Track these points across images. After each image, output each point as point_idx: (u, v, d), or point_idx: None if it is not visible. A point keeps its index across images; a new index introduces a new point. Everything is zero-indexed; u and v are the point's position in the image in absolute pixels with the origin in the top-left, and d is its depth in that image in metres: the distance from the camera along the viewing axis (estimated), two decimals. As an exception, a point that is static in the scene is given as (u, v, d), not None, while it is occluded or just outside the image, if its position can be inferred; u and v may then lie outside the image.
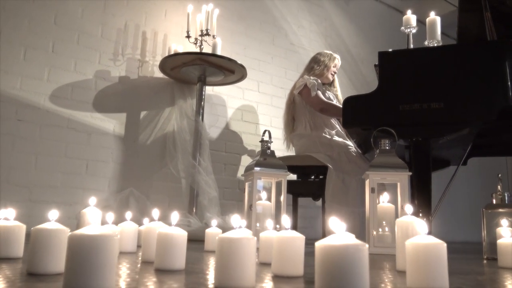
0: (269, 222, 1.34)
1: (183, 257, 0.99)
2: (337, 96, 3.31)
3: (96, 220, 1.63)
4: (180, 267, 0.98)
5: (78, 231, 0.64)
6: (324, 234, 2.84)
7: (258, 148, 3.81)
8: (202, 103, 3.19)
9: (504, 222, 1.86)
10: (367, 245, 0.58)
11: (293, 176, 3.38)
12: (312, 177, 3.25)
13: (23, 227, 1.21)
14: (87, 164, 2.96)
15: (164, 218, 2.87)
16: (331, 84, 3.36)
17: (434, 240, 0.77)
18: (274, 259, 0.96)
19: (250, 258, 0.73)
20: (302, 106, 3.13)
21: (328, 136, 3.07)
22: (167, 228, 1.02)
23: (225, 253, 0.72)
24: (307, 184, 3.18)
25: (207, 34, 3.18)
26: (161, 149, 3.24)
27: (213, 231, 1.77)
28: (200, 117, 3.17)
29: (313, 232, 3.45)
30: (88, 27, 3.08)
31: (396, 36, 2.89)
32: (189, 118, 3.21)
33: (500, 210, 1.89)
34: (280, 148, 3.42)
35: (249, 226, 2.20)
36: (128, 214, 1.58)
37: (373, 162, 2.13)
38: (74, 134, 2.93)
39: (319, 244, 0.60)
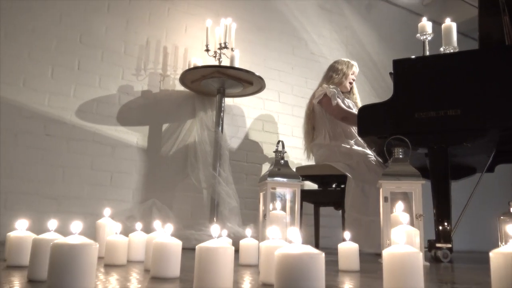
0: (248, 231, 1.37)
1: (178, 265, 1.03)
2: (356, 104, 3.31)
3: (111, 230, 1.70)
4: (174, 275, 1.02)
5: (59, 240, 0.69)
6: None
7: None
8: (222, 114, 3.26)
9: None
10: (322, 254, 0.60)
11: (314, 186, 3.38)
12: (334, 186, 3.24)
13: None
14: (111, 176, 3.07)
15: (188, 227, 2.95)
16: (349, 91, 3.35)
17: (409, 250, 0.78)
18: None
19: (226, 266, 0.76)
20: (322, 116, 3.15)
21: (347, 145, 3.07)
22: (162, 238, 1.06)
23: (202, 261, 0.76)
24: (328, 193, 3.17)
25: (225, 47, 3.25)
26: (183, 160, 3.32)
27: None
28: (220, 128, 3.23)
29: (335, 242, 3.42)
30: (111, 44, 3.22)
31: (419, 41, 2.84)
32: (209, 130, 3.28)
33: (517, 218, 1.84)
34: (301, 157, 3.44)
35: (263, 236, 2.22)
36: (138, 225, 1.64)
37: (386, 171, 2.12)
38: (99, 147, 3.05)
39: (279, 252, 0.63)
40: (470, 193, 2.80)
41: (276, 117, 3.86)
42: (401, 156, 2.11)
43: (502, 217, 1.87)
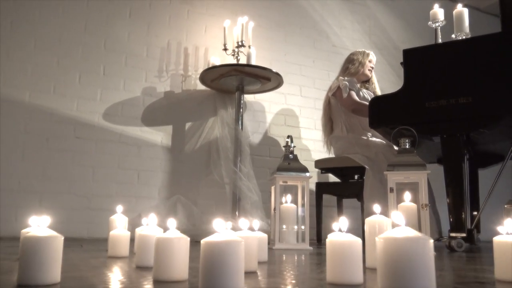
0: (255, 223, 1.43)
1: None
2: (375, 93, 3.29)
3: (123, 225, 1.82)
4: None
5: (30, 234, 0.79)
6: (364, 234, 2.84)
7: (302, 152, 3.88)
8: (241, 111, 3.34)
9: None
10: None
11: (336, 178, 3.40)
12: (356, 177, 3.25)
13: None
14: (138, 174, 3.23)
15: (211, 222, 3.06)
16: (369, 81, 3.34)
17: (350, 238, 0.82)
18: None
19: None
20: (338, 108, 3.16)
21: (365, 137, 3.07)
22: (147, 230, 1.15)
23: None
24: (349, 185, 3.19)
25: (243, 45, 3.32)
26: (206, 157, 3.43)
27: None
28: (240, 125, 3.31)
29: (358, 233, 3.43)
30: (134, 48, 3.37)
31: (447, 27, 2.75)
32: (230, 127, 3.37)
33: (523, 206, 1.80)
34: (324, 150, 3.46)
35: (273, 228, 2.29)
36: (144, 220, 1.75)
37: (392, 161, 2.12)
38: (125, 147, 3.22)
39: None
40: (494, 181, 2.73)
41: (298, 111, 3.90)
42: (407, 147, 2.11)
43: (506, 206, 1.84)
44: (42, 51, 3.09)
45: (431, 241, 0.59)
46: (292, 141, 2.39)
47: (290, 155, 2.35)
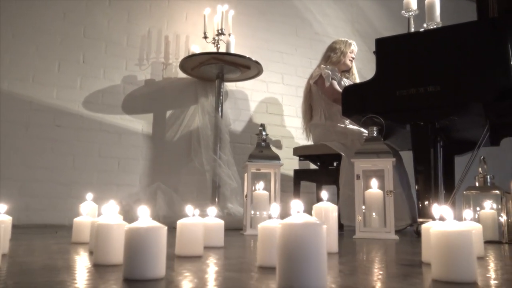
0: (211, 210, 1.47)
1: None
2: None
3: (92, 213, 1.87)
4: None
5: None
6: (339, 219, 2.90)
7: (284, 139, 3.92)
8: (221, 99, 3.36)
9: (487, 204, 1.83)
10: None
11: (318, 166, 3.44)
12: (335, 164, 3.29)
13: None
14: (119, 162, 3.26)
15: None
16: (349, 71, 3.37)
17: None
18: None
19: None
20: (318, 96, 3.19)
21: (342, 125, 3.10)
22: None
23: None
24: (326, 172, 3.23)
25: (222, 33, 3.33)
26: (187, 145, 3.46)
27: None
28: (220, 113, 3.34)
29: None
30: (114, 37, 3.37)
31: (442, 15, 2.74)
32: (210, 115, 3.40)
33: (482, 192, 1.85)
34: (304, 137, 3.50)
35: (245, 215, 2.34)
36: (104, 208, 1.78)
37: (359, 149, 2.17)
38: (106, 136, 3.24)
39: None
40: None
41: (280, 99, 3.92)
42: (375, 135, 2.16)
43: (465, 192, 1.89)
44: (20, 40, 3.09)
45: (324, 226, 0.63)
46: (264, 129, 2.43)
47: (263, 143, 2.39)
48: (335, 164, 3.27)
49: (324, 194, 1.26)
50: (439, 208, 0.88)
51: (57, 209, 3.01)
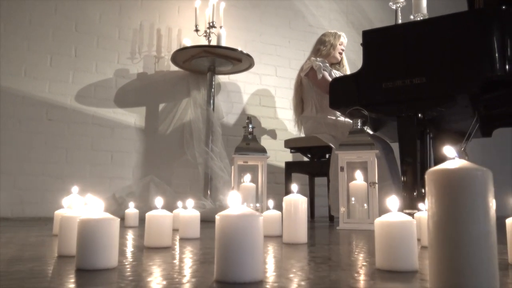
0: (190, 202, 1.49)
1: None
2: (346, 75, 3.32)
3: (77, 206, 1.89)
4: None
5: None
6: (329, 210, 2.92)
7: (278, 131, 3.93)
8: (213, 91, 3.38)
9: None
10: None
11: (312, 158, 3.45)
12: (327, 156, 3.31)
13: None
14: (112, 156, 3.29)
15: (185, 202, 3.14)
16: (339, 63, 3.37)
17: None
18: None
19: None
20: (309, 89, 3.19)
21: (333, 117, 3.11)
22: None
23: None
24: (317, 164, 3.25)
25: (214, 26, 3.33)
26: (180, 138, 3.48)
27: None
28: (212, 106, 3.36)
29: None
30: (106, 30, 3.38)
31: (429, 6, 2.72)
32: (202, 108, 3.41)
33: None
34: (295, 129, 3.51)
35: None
36: (65, 201, 1.80)
37: (342, 141, 2.18)
38: (98, 129, 3.27)
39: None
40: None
41: (273, 91, 3.93)
42: (359, 127, 2.16)
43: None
44: (11, 34, 3.11)
45: (260, 218, 0.65)
46: (251, 122, 2.44)
47: (249, 136, 2.41)
48: (327, 156, 3.29)
49: (294, 186, 1.27)
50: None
51: (50, 202, 3.05)
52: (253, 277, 0.63)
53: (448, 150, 0.55)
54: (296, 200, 1.22)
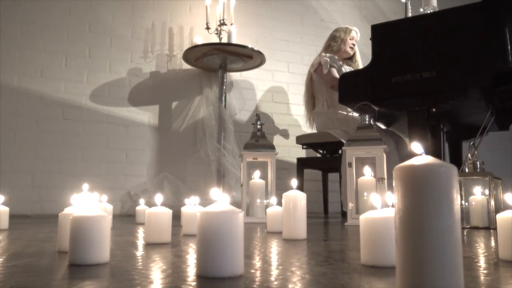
0: (194, 199, 1.51)
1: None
2: (358, 70, 3.29)
3: (85, 204, 1.94)
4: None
5: None
6: (341, 206, 2.91)
7: (291, 128, 3.93)
8: (224, 88, 3.40)
9: (477, 190, 1.81)
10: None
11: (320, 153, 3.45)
12: (340, 152, 3.30)
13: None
14: (126, 154, 3.35)
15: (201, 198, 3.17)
16: (352, 58, 3.34)
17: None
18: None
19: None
20: (320, 84, 3.19)
21: (344, 112, 3.10)
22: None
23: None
24: (330, 159, 3.24)
25: (224, 23, 3.35)
26: (193, 136, 3.52)
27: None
28: (224, 103, 3.38)
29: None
30: (119, 30, 3.44)
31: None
32: (214, 105, 3.44)
33: (471, 177, 1.83)
34: (307, 125, 3.51)
35: (242, 203, 2.38)
36: (104, 198, 1.85)
37: (350, 137, 2.17)
38: (113, 128, 3.33)
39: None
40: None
41: (286, 88, 3.93)
42: (366, 122, 2.15)
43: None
44: (28, 37, 3.19)
45: (241, 214, 0.66)
46: (260, 119, 2.45)
47: (258, 133, 2.42)
48: (340, 151, 3.28)
49: (293, 182, 1.28)
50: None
51: (67, 200, 3.12)
52: (233, 272, 0.64)
53: (415, 146, 0.55)
54: (295, 196, 1.23)
